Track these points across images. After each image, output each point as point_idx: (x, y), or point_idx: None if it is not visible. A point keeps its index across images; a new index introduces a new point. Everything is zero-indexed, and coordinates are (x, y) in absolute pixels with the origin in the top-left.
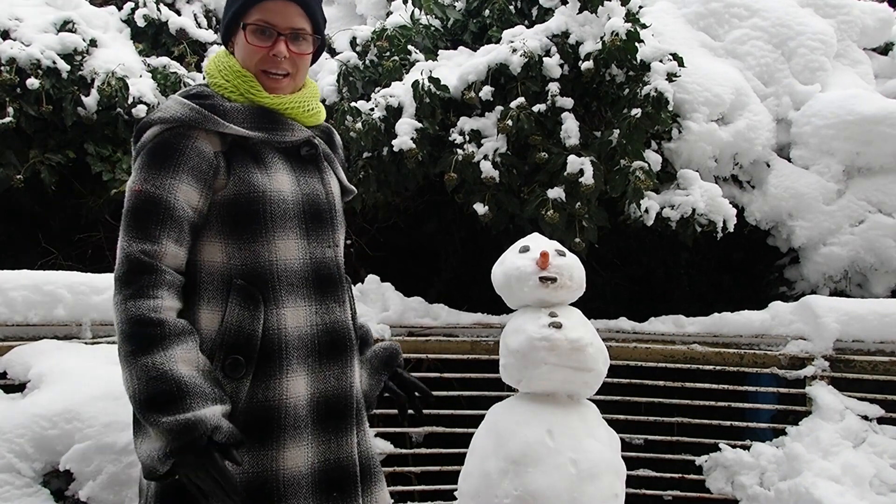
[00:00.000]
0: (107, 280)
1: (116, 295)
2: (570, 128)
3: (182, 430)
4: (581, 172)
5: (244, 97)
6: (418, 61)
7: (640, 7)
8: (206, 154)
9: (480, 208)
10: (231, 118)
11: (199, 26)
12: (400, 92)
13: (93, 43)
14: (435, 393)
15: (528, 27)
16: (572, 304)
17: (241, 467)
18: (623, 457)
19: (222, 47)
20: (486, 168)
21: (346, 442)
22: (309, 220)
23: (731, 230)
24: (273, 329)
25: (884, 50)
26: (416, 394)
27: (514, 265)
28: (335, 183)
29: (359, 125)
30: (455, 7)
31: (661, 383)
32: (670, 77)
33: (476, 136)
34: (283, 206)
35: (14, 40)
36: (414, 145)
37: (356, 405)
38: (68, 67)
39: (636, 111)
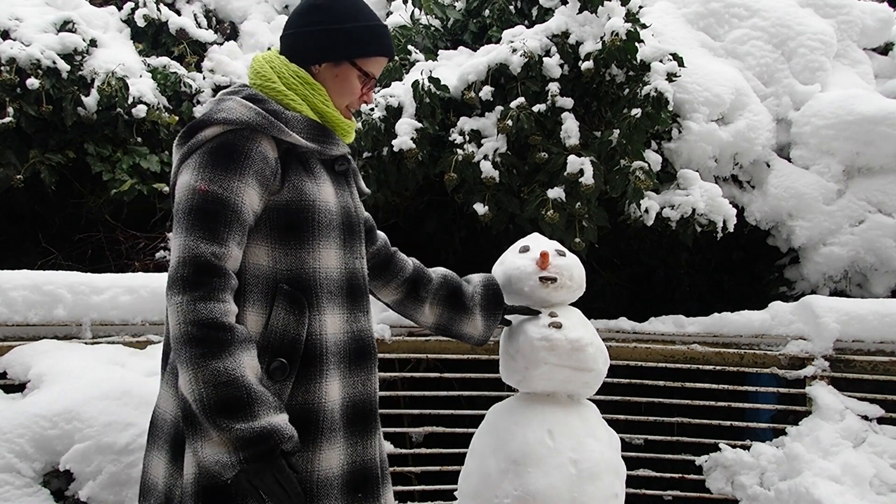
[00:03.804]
0: (107, 280)
1: (180, 295)
2: (570, 128)
3: (257, 438)
4: (581, 172)
5: (308, 107)
6: (418, 61)
7: (640, 7)
8: (269, 159)
9: (480, 208)
10: (291, 127)
11: (199, 26)
12: (400, 92)
13: (93, 43)
14: (435, 393)
15: (528, 27)
16: (572, 304)
17: (298, 473)
18: (623, 457)
19: (270, 51)
20: (486, 168)
21: (371, 444)
22: (346, 232)
23: (731, 230)
24: (315, 334)
25: (884, 50)
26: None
27: (514, 265)
28: (358, 196)
29: (359, 125)
30: (455, 7)
31: (661, 383)
32: (670, 77)
33: (476, 136)
34: (328, 217)
35: (14, 40)
36: (414, 145)
37: (377, 409)
38: (68, 67)
39: (636, 111)
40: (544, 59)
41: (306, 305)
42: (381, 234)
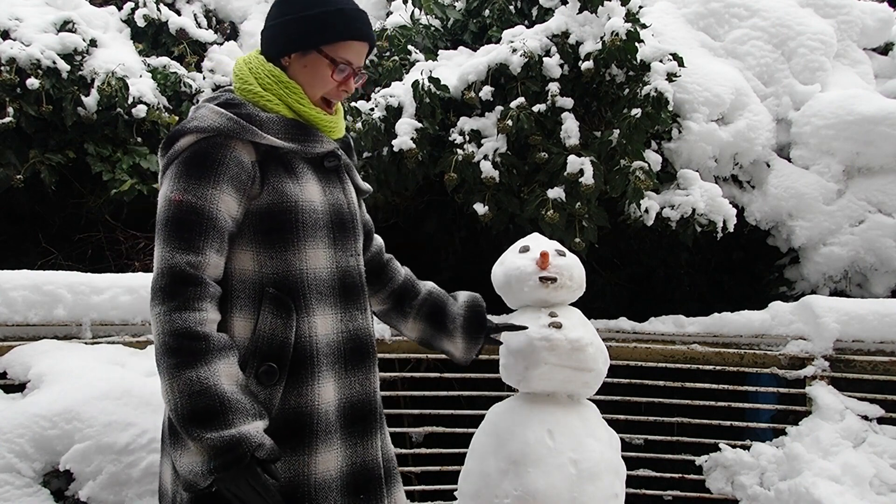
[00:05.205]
0: (107, 280)
1: (158, 306)
2: (570, 128)
3: (226, 446)
4: (581, 172)
5: (285, 107)
6: (418, 61)
7: (640, 7)
8: (244, 164)
9: (480, 208)
10: (267, 129)
11: (199, 26)
12: (400, 92)
13: (93, 43)
14: (435, 393)
15: (528, 27)
16: (572, 304)
17: (278, 481)
18: (623, 457)
19: (252, 52)
20: (486, 168)
21: (372, 445)
22: (336, 230)
23: (731, 230)
24: (305, 337)
25: (884, 50)
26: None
27: (514, 265)
28: (353, 192)
29: (359, 125)
30: (455, 7)
31: (661, 383)
32: (670, 77)
33: (476, 136)
34: (313, 217)
35: (14, 40)
36: (414, 145)
37: (379, 409)
38: (68, 67)
39: (636, 111)
40: (544, 59)
41: (293, 308)
42: (378, 240)
